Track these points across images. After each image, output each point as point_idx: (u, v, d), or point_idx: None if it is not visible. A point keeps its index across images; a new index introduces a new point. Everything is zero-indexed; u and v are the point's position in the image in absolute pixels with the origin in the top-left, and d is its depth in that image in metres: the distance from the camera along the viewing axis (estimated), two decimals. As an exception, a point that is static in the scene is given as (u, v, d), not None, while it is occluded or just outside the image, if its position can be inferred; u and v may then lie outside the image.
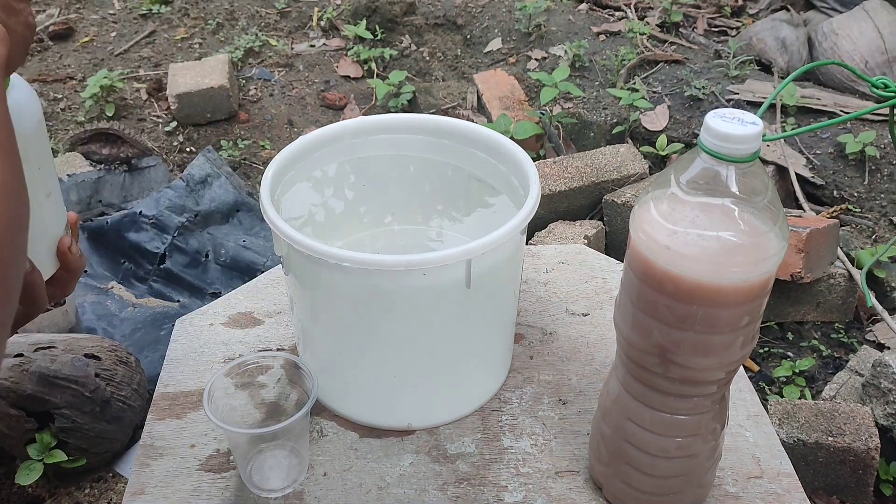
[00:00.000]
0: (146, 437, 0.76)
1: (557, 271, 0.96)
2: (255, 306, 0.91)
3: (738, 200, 0.53)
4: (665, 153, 2.05)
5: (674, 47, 2.51)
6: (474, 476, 0.72)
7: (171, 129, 2.29)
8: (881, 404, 1.34)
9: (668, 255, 0.54)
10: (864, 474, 1.28)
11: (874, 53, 2.28)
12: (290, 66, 2.62)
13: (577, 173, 1.90)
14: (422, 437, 0.76)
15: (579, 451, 0.74)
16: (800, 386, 1.54)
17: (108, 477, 1.36)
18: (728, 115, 0.52)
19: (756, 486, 0.71)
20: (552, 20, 2.68)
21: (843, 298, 1.69)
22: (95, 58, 2.64)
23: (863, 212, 1.97)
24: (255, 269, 1.72)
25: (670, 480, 0.65)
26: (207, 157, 1.95)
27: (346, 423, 0.78)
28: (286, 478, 0.71)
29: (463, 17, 2.78)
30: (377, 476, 0.72)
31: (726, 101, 2.19)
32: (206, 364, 0.84)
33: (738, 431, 0.76)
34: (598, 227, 1.79)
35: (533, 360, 0.84)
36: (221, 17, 2.85)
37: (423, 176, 0.88)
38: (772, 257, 0.54)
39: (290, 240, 0.66)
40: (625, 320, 0.60)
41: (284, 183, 0.78)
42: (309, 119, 2.42)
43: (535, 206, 0.70)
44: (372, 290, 0.68)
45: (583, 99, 2.28)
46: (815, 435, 1.27)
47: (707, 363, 0.57)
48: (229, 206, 1.88)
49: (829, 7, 2.61)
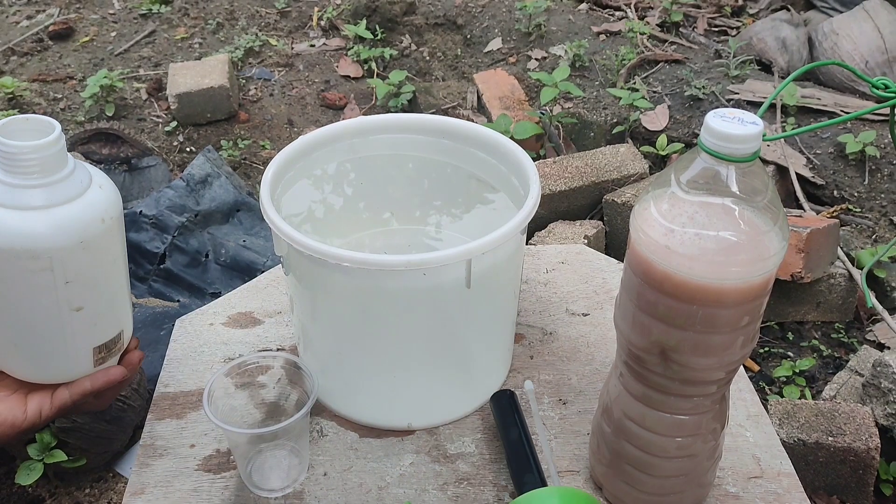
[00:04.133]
0: (146, 437, 0.76)
1: (557, 271, 0.96)
2: (255, 306, 0.91)
3: (739, 200, 0.53)
4: (665, 153, 2.05)
5: (674, 47, 2.51)
6: (474, 476, 0.72)
7: (171, 128, 2.29)
8: (881, 404, 1.34)
9: (668, 255, 0.54)
10: (865, 474, 1.28)
11: (874, 53, 2.28)
12: (290, 66, 2.62)
13: (577, 173, 1.90)
14: (422, 437, 0.76)
15: (579, 451, 0.74)
16: (800, 386, 1.54)
17: (108, 477, 1.36)
18: (728, 115, 0.52)
19: (756, 486, 0.71)
20: (552, 20, 2.68)
21: (844, 298, 1.69)
22: (95, 58, 2.64)
23: (863, 212, 1.97)
24: (255, 269, 1.72)
25: (670, 480, 0.65)
26: (207, 157, 1.95)
27: (346, 423, 0.78)
28: (286, 478, 0.71)
29: (463, 16, 2.78)
30: (377, 476, 0.72)
31: (726, 100, 2.19)
32: (206, 364, 0.84)
33: (739, 431, 0.76)
34: (598, 227, 1.79)
35: (533, 360, 0.84)
36: (221, 17, 2.85)
37: (423, 176, 0.88)
38: (772, 257, 0.54)
39: (290, 240, 0.66)
40: (625, 320, 0.60)
41: (284, 183, 0.78)
42: (309, 119, 2.42)
43: (535, 205, 0.70)
44: (372, 290, 0.68)
45: (583, 99, 2.28)
46: (815, 435, 1.27)
47: (707, 363, 0.57)
48: (229, 206, 1.88)
49: (829, 7, 2.61)
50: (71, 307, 0.63)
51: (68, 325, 0.64)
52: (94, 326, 0.66)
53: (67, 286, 0.61)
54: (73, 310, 0.63)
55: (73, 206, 0.60)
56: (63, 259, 0.60)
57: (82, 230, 0.60)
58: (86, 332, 0.65)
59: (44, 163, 0.59)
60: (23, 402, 0.66)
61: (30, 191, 0.59)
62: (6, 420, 0.65)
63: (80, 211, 0.60)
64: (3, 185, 0.59)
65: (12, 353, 0.65)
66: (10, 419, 0.65)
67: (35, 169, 0.58)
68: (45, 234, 0.59)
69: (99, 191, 0.62)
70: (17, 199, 0.58)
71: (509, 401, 0.74)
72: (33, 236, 0.58)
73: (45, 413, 0.66)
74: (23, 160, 0.58)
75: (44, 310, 0.62)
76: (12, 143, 0.58)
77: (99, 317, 0.66)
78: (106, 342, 0.67)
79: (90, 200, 0.61)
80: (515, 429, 0.71)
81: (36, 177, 0.59)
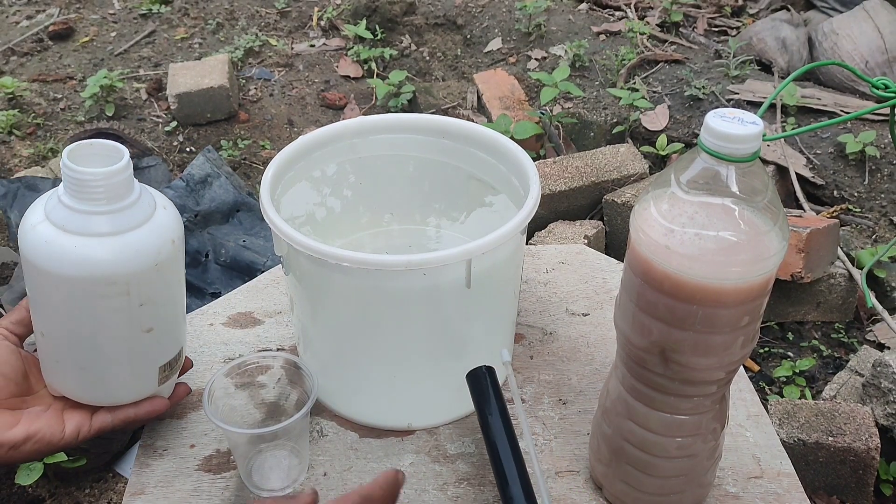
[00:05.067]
0: (146, 437, 0.76)
1: (557, 271, 0.96)
2: (255, 306, 0.91)
3: (739, 200, 0.53)
4: (665, 153, 2.05)
5: (674, 47, 2.51)
6: (474, 476, 0.72)
7: (171, 129, 2.29)
8: (881, 404, 1.34)
9: (667, 255, 0.54)
10: (864, 474, 1.28)
11: (874, 53, 2.28)
12: (290, 66, 2.62)
13: (577, 173, 1.90)
14: (422, 437, 0.76)
15: (579, 451, 0.74)
16: (800, 386, 1.54)
17: (108, 477, 1.36)
18: (728, 115, 0.52)
19: (756, 486, 0.71)
20: (552, 20, 2.68)
21: (844, 298, 1.69)
22: (95, 58, 2.64)
23: (863, 212, 1.97)
24: (255, 269, 1.72)
25: (670, 480, 0.65)
26: (207, 157, 1.95)
27: (346, 423, 0.78)
28: (286, 478, 0.71)
29: (463, 16, 2.78)
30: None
31: (726, 100, 2.19)
32: (206, 364, 0.84)
33: (739, 431, 0.76)
34: (598, 227, 1.79)
35: (533, 360, 0.84)
36: (221, 17, 2.85)
37: (423, 176, 0.88)
38: (772, 257, 0.54)
39: (290, 240, 0.66)
40: (625, 320, 0.60)
41: (284, 183, 0.78)
42: (309, 119, 2.42)
43: (535, 206, 0.70)
44: (372, 290, 0.68)
45: (583, 99, 2.28)
46: (815, 435, 1.27)
47: (707, 363, 0.57)
48: (229, 206, 1.88)
49: (829, 7, 2.61)
50: (143, 329, 0.63)
51: (138, 346, 0.64)
52: (160, 346, 0.66)
53: (141, 309, 0.62)
54: (144, 331, 0.64)
55: (144, 230, 0.60)
56: (139, 283, 0.60)
57: (156, 253, 0.61)
58: (153, 352, 0.66)
59: (114, 189, 0.58)
60: (60, 420, 0.65)
61: (99, 217, 0.58)
62: (44, 437, 0.63)
63: (153, 234, 0.61)
64: (71, 212, 0.58)
65: (77, 376, 0.65)
66: (48, 436, 0.64)
67: (104, 195, 0.58)
68: (121, 259, 0.59)
69: (164, 212, 0.63)
70: (87, 226, 0.58)
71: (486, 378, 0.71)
72: (110, 263, 0.59)
73: (83, 434, 0.65)
74: (93, 187, 0.58)
75: (116, 333, 0.63)
76: (84, 169, 0.57)
77: (165, 336, 0.66)
78: (170, 360, 0.68)
79: (159, 223, 0.61)
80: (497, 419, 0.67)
81: (104, 203, 0.58)
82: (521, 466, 0.65)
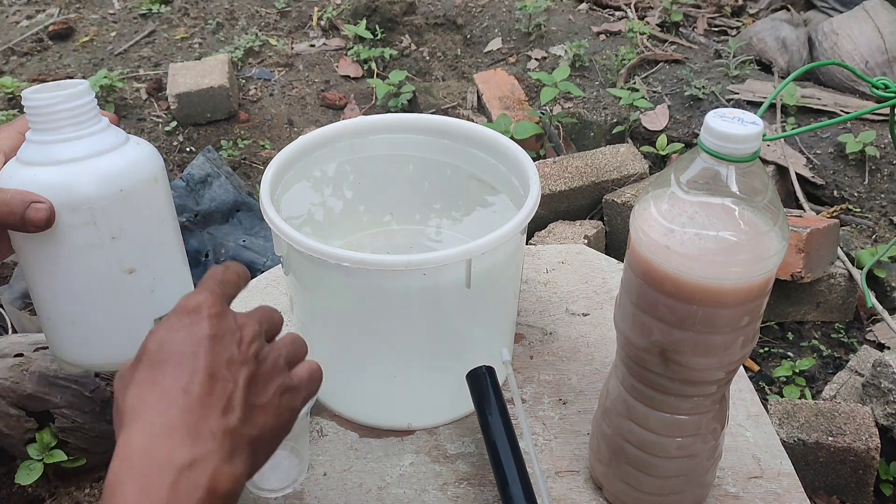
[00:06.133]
0: (146, 437, 0.76)
1: (557, 271, 0.96)
2: (254, 306, 0.91)
3: (739, 200, 0.53)
4: (665, 153, 2.05)
5: (674, 47, 2.51)
6: (474, 476, 0.72)
7: (171, 128, 2.29)
8: (881, 404, 1.34)
9: (668, 255, 0.54)
10: (864, 474, 1.28)
11: (874, 53, 2.28)
12: (290, 66, 2.62)
13: (577, 173, 1.90)
14: (422, 437, 0.76)
15: (579, 451, 0.74)
16: (800, 386, 1.54)
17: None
18: (728, 115, 0.52)
19: (756, 486, 0.71)
20: (552, 20, 2.68)
21: (844, 298, 1.69)
22: (95, 58, 2.64)
23: (863, 212, 1.97)
24: (255, 269, 1.72)
25: (670, 480, 0.65)
26: (207, 157, 1.95)
27: (346, 423, 0.78)
28: (286, 478, 0.71)
29: (463, 16, 2.78)
30: (377, 476, 0.72)
31: (726, 100, 2.19)
32: (205, 364, 0.84)
33: (739, 431, 0.76)
34: (598, 227, 1.79)
35: (533, 360, 0.84)
36: (221, 17, 2.85)
37: (423, 176, 0.88)
38: (772, 257, 0.54)
39: (290, 240, 0.66)
40: (625, 320, 0.60)
41: (284, 183, 0.78)
42: (309, 119, 2.42)
43: (535, 205, 0.70)
44: (372, 290, 0.68)
45: (583, 99, 2.28)
46: (815, 435, 1.27)
47: (707, 363, 0.57)
48: (229, 206, 1.88)
49: (829, 7, 2.61)
50: (122, 268, 0.61)
51: (122, 288, 0.62)
52: (153, 294, 0.63)
53: (114, 243, 0.60)
54: (124, 271, 0.61)
55: (109, 156, 0.59)
56: (105, 210, 0.58)
57: (117, 176, 0.59)
58: (144, 299, 0.63)
59: (74, 115, 0.58)
60: None
61: (63, 145, 0.58)
62: None
63: (118, 160, 0.59)
64: (35, 145, 0.58)
65: (70, 334, 0.63)
66: None
67: (66, 122, 0.58)
68: (82, 182, 0.57)
69: (136, 146, 0.62)
70: (50, 155, 0.58)
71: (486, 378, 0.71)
72: (70, 187, 0.57)
73: None
74: (53, 113, 0.57)
75: (94, 273, 0.60)
76: (41, 95, 0.58)
77: (156, 283, 0.63)
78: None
79: (127, 152, 0.60)
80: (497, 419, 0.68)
81: (67, 130, 0.58)
82: (521, 466, 0.65)
